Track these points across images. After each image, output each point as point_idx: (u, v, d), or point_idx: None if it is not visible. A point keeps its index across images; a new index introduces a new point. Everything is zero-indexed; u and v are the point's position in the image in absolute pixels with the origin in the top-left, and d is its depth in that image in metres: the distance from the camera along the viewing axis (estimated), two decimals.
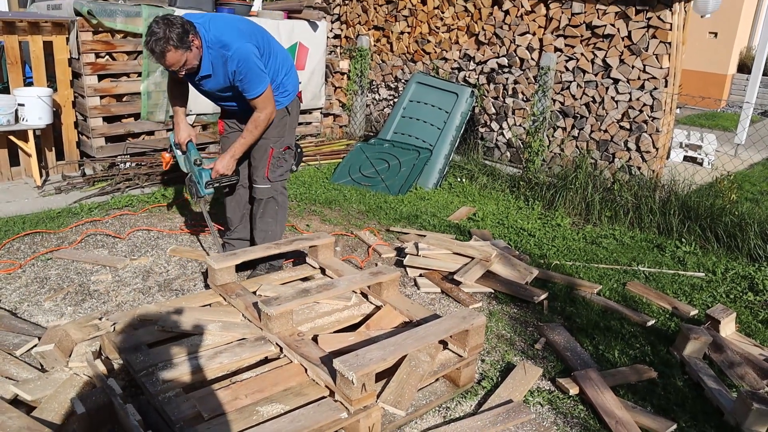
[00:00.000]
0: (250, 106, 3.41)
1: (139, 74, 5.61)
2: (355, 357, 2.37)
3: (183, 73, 3.24)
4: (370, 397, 2.38)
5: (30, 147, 5.15)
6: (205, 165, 3.58)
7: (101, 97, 5.47)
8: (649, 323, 3.53)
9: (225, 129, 3.76)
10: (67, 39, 5.33)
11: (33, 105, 4.98)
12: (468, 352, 2.75)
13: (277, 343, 2.74)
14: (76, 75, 5.45)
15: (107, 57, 5.46)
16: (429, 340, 2.62)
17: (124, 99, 5.64)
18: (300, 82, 3.97)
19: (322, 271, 3.53)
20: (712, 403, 2.84)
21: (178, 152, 3.76)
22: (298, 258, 4.00)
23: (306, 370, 2.59)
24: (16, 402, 2.48)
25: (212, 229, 3.90)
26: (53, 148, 5.53)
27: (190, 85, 3.60)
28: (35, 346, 2.83)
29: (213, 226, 3.88)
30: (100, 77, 5.44)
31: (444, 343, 2.84)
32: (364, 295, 3.27)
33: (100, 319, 3.08)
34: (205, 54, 3.24)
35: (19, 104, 4.97)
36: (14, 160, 5.37)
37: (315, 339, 2.80)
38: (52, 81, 5.50)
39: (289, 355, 2.68)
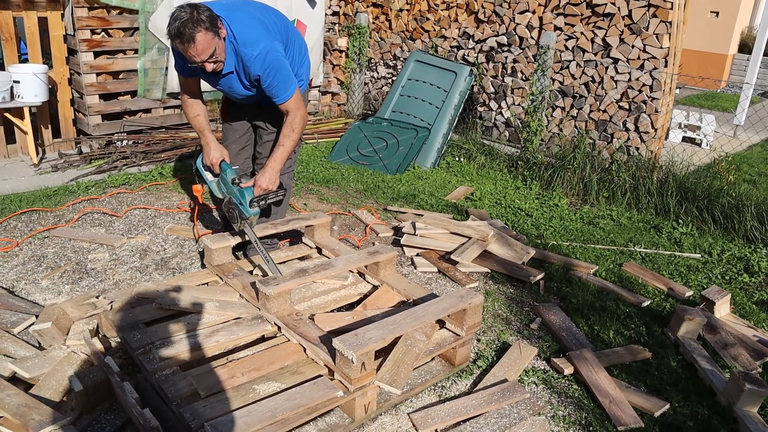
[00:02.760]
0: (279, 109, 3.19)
1: (136, 51, 5.57)
2: (354, 336, 2.38)
3: (211, 67, 2.93)
4: (369, 376, 2.40)
5: (26, 124, 5.12)
6: (243, 183, 3.16)
7: (97, 75, 5.43)
8: (645, 304, 3.55)
9: (228, 116, 3.56)
10: (62, 15, 5.27)
11: (28, 82, 4.94)
12: (466, 331, 2.77)
13: (275, 323, 2.75)
14: (72, 52, 5.40)
15: (103, 33, 5.41)
16: (427, 319, 2.63)
17: (120, 76, 5.60)
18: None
19: (319, 250, 3.53)
20: (705, 383, 2.86)
21: (209, 176, 3.34)
22: (294, 238, 4.00)
23: (305, 349, 2.61)
24: (14, 379, 2.50)
25: (264, 256, 3.11)
26: (49, 126, 5.51)
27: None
28: (33, 324, 2.84)
29: (265, 252, 3.11)
30: (96, 54, 5.39)
31: (441, 323, 2.86)
32: (362, 275, 3.28)
33: (97, 297, 3.08)
34: (229, 49, 2.98)
35: (15, 81, 4.93)
36: (10, 138, 5.34)
37: (312, 318, 2.82)
38: (47, 57, 5.46)
39: (287, 334, 2.70)
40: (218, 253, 3.19)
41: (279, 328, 2.75)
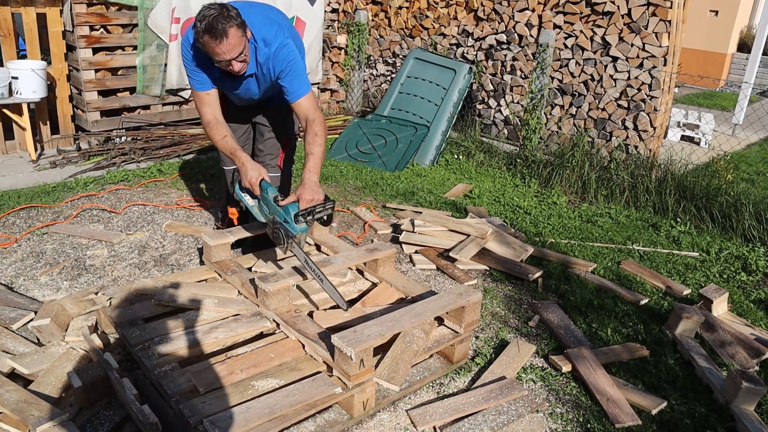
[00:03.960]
0: (284, 107, 3.13)
1: (135, 47, 5.56)
2: (353, 333, 2.39)
3: (239, 67, 2.86)
4: (368, 373, 2.41)
5: (24, 121, 5.11)
6: (285, 201, 2.89)
7: (96, 71, 5.42)
8: (643, 302, 3.56)
9: (226, 118, 3.39)
10: (61, 11, 5.26)
11: (27, 78, 4.93)
12: (464, 329, 2.78)
13: (273, 320, 2.75)
14: (71, 48, 5.39)
15: (102, 30, 5.40)
16: (425, 316, 2.64)
17: (119, 72, 5.60)
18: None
19: (318, 248, 3.53)
20: (702, 382, 2.87)
21: (249, 200, 3.08)
22: None
23: (303, 345, 2.61)
24: (13, 375, 2.50)
25: (319, 275, 2.77)
26: (48, 122, 5.50)
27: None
28: (32, 320, 2.84)
29: (319, 271, 2.78)
30: (95, 50, 5.38)
31: (439, 320, 2.86)
32: (360, 272, 3.28)
33: (96, 293, 3.09)
34: (250, 50, 2.93)
35: (13, 77, 4.92)
36: (9, 134, 5.33)
37: (311, 315, 2.82)
38: (46, 54, 5.45)
39: (286, 331, 2.70)
40: (217, 249, 3.18)
41: (278, 324, 2.75)
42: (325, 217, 2.94)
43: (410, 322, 2.58)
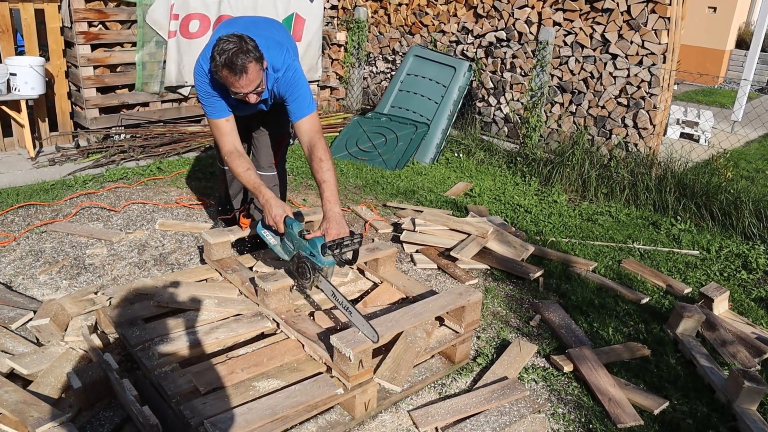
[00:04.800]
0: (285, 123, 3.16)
1: (133, 44, 5.53)
2: (352, 334, 2.38)
3: (255, 99, 2.85)
4: (367, 374, 2.40)
5: (23, 117, 5.09)
6: (310, 234, 2.75)
7: (95, 67, 5.40)
8: (644, 301, 3.56)
9: None
10: (59, 7, 5.23)
11: (25, 74, 4.91)
12: (464, 329, 2.77)
13: (274, 319, 2.74)
14: (69, 44, 5.37)
15: (100, 26, 5.37)
16: (425, 316, 2.63)
17: (118, 69, 5.57)
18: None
19: None
20: (704, 381, 2.87)
21: (271, 239, 2.98)
22: None
23: (303, 346, 2.60)
24: (12, 376, 2.49)
25: (348, 310, 2.54)
26: (46, 119, 5.47)
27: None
28: (31, 319, 2.83)
29: (350, 305, 2.54)
30: (93, 47, 5.36)
31: (440, 320, 2.85)
32: (361, 272, 3.27)
33: (95, 293, 3.07)
34: (265, 72, 2.92)
35: (11, 74, 4.90)
36: (7, 131, 5.31)
37: (311, 315, 2.81)
38: (44, 50, 5.42)
39: (286, 330, 2.69)
40: (217, 247, 3.17)
41: (277, 324, 2.74)
42: (352, 253, 2.81)
43: (409, 322, 2.57)
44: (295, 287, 2.83)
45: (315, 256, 2.69)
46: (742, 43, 12.82)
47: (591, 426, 2.55)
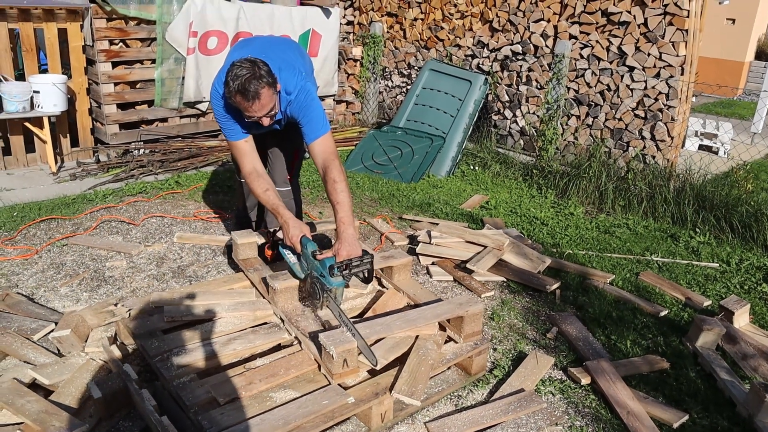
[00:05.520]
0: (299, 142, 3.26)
1: (153, 61, 5.63)
2: (339, 333, 2.45)
3: (268, 122, 2.90)
4: (352, 374, 2.46)
5: (45, 134, 5.19)
6: (321, 255, 2.77)
7: (115, 84, 5.50)
8: (662, 314, 3.52)
9: None
10: (81, 26, 5.34)
11: (48, 92, 5.01)
12: (463, 339, 2.77)
13: (280, 316, 2.82)
14: (90, 62, 5.47)
15: (121, 44, 5.48)
16: (418, 323, 2.67)
17: (137, 86, 5.67)
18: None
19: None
20: (724, 395, 2.83)
21: (289, 255, 3.00)
22: None
23: (299, 342, 2.66)
24: (34, 386, 2.52)
25: (352, 331, 2.53)
26: (68, 135, 5.58)
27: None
28: (52, 331, 2.87)
29: (353, 327, 2.54)
30: (114, 64, 5.46)
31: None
32: (379, 281, 3.29)
33: (115, 305, 3.11)
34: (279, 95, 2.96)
35: (35, 91, 5.00)
36: (30, 147, 5.41)
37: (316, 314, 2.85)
38: (66, 68, 5.53)
39: (289, 327, 2.75)
40: (244, 247, 3.27)
41: (282, 321, 2.82)
42: (365, 273, 2.85)
43: (400, 327, 2.62)
44: (307, 305, 2.87)
45: (324, 277, 2.71)
46: (762, 54, 12.72)
47: None
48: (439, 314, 2.71)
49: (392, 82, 7.89)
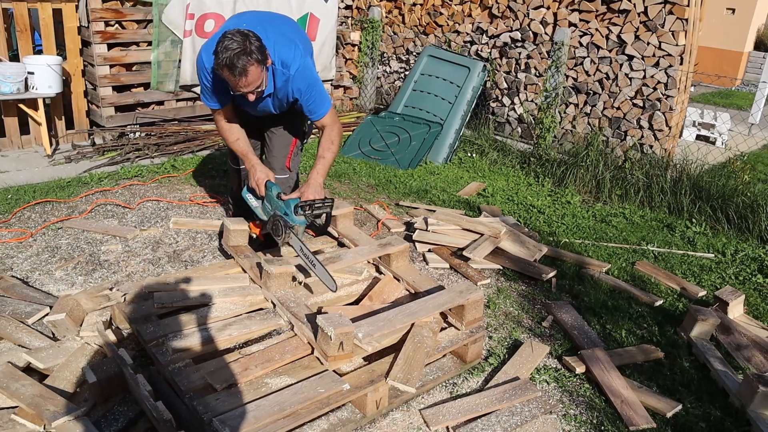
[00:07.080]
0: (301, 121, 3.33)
1: (149, 43, 5.57)
2: (338, 317, 2.45)
3: (253, 97, 2.88)
4: (346, 358, 2.46)
5: (40, 115, 5.15)
6: (287, 196, 3.08)
7: (111, 66, 5.44)
8: (657, 303, 3.53)
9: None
10: (77, 6, 5.28)
11: (43, 73, 4.96)
12: (465, 326, 2.78)
13: (272, 301, 2.82)
14: (86, 43, 5.42)
15: (117, 25, 5.42)
16: (420, 315, 2.67)
17: (133, 68, 5.61)
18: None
19: (340, 245, 3.52)
20: (717, 385, 2.85)
21: (252, 201, 3.26)
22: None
23: (292, 326, 2.66)
24: (29, 369, 2.51)
25: (313, 263, 2.85)
26: (63, 117, 5.53)
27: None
28: (47, 314, 2.86)
29: (314, 258, 2.85)
30: (110, 46, 5.40)
31: (445, 316, 2.87)
32: (377, 269, 3.28)
33: (110, 289, 3.10)
34: (268, 73, 2.94)
35: (29, 72, 4.95)
36: (24, 129, 5.37)
37: (320, 311, 2.83)
38: (61, 49, 5.48)
39: (281, 312, 2.76)
40: (236, 234, 3.26)
41: (274, 305, 2.82)
42: (324, 216, 3.13)
43: (402, 321, 2.61)
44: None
45: (288, 215, 2.97)
46: (761, 44, 12.68)
47: (603, 427, 2.54)
48: (440, 305, 2.71)
49: (390, 67, 7.84)
